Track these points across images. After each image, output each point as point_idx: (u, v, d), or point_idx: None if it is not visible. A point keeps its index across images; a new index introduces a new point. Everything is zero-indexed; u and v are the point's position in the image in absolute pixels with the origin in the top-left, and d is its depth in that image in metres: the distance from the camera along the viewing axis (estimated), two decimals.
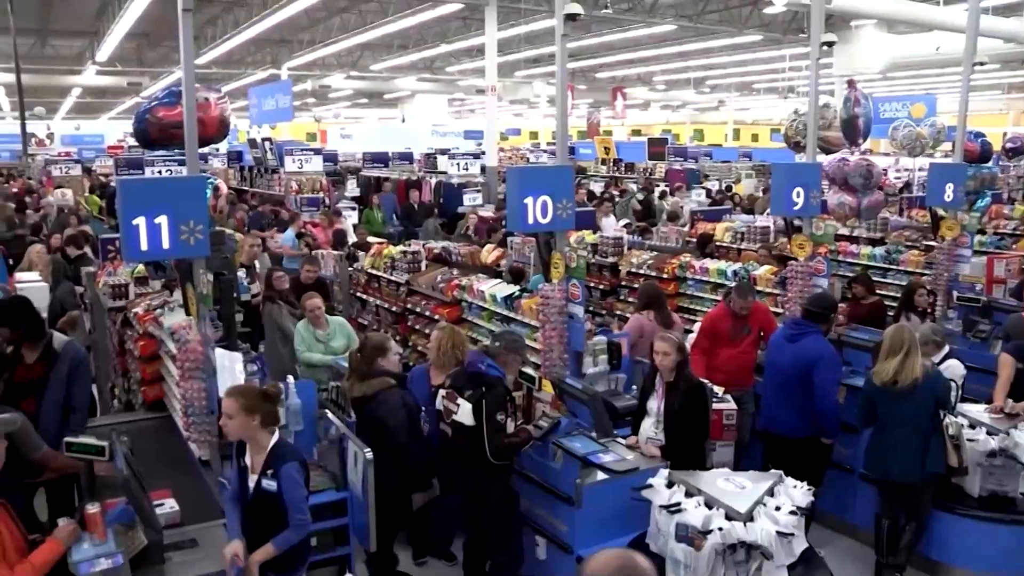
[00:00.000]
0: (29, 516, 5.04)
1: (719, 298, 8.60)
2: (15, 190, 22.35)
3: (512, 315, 7.77)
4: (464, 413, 5.34)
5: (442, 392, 5.59)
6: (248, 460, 4.50)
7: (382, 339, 6.09)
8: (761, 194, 19.42)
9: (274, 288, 8.42)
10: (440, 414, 5.59)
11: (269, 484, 4.37)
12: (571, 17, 6.75)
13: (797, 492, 4.82)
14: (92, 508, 4.29)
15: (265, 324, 8.39)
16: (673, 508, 4.69)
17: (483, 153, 21.60)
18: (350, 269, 10.66)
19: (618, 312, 10.40)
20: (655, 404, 5.83)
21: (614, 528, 5.27)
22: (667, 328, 7.11)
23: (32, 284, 10.06)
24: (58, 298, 9.33)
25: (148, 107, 7.26)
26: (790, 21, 25.81)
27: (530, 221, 6.42)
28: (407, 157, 25.77)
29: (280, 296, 8.33)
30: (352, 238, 12.83)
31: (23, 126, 29.51)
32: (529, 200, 6.36)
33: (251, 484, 4.45)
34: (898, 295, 9.25)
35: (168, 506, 4.85)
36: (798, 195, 7.76)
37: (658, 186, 21.03)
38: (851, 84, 12.25)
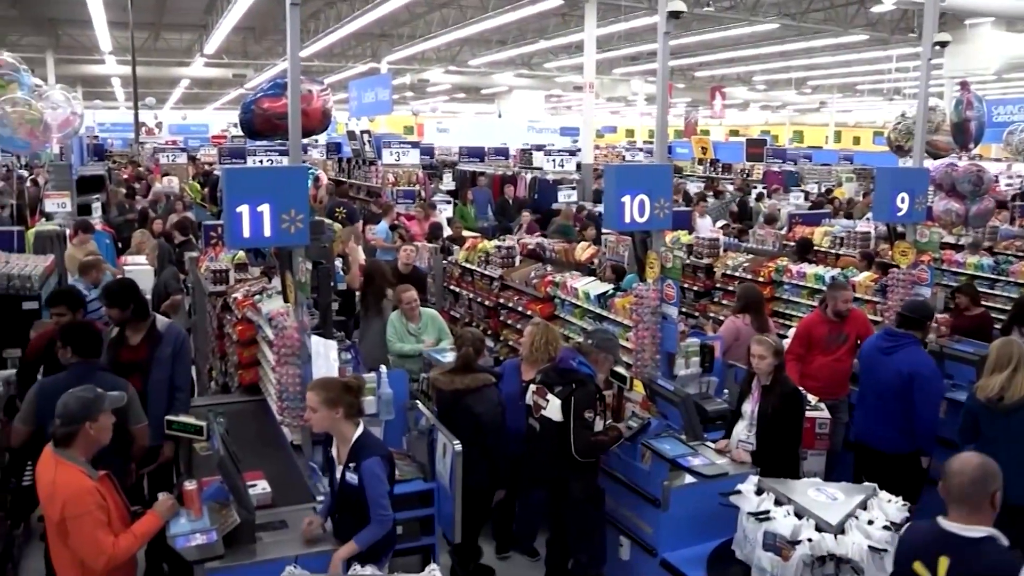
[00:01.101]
0: (134, 489, 5.22)
1: (815, 304, 8.39)
2: (125, 176, 23.17)
3: (605, 313, 7.73)
4: (553, 409, 5.33)
5: (532, 387, 5.57)
6: (335, 451, 4.55)
7: (478, 335, 6.17)
8: (861, 198, 18.91)
9: (377, 277, 8.51)
10: (529, 409, 5.58)
11: (351, 477, 4.37)
12: (674, 15, 6.67)
13: (892, 507, 4.66)
14: (190, 485, 4.44)
15: (370, 311, 8.34)
16: (761, 516, 4.59)
17: (579, 150, 21.55)
18: (444, 262, 10.75)
19: (712, 314, 10.24)
20: (749, 407, 5.73)
21: (700, 532, 5.20)
22: (763, 332, 6.98)
23: (139, 267, 10.47)
24: (162, 281, 9.64)
25: (254, 98, 7.42)
26: (898, 20, 25.03)
27: (627, 220, 6.37)
28: (503, 152, 25.89)
29: (389, 286, 8.38)
30: (447, 231, 12.94)
31: (136, 115, 30.72)
32: (626, 198, 6.31)
33: (338, 475, 4.49)
34: (1006, 308, 8.89)
35: (260, 487, 4.94)
36: (903, 200, 7.53)
37: (755, 188, 20.67)
38: (964, 86, 11.82)
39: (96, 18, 23.86)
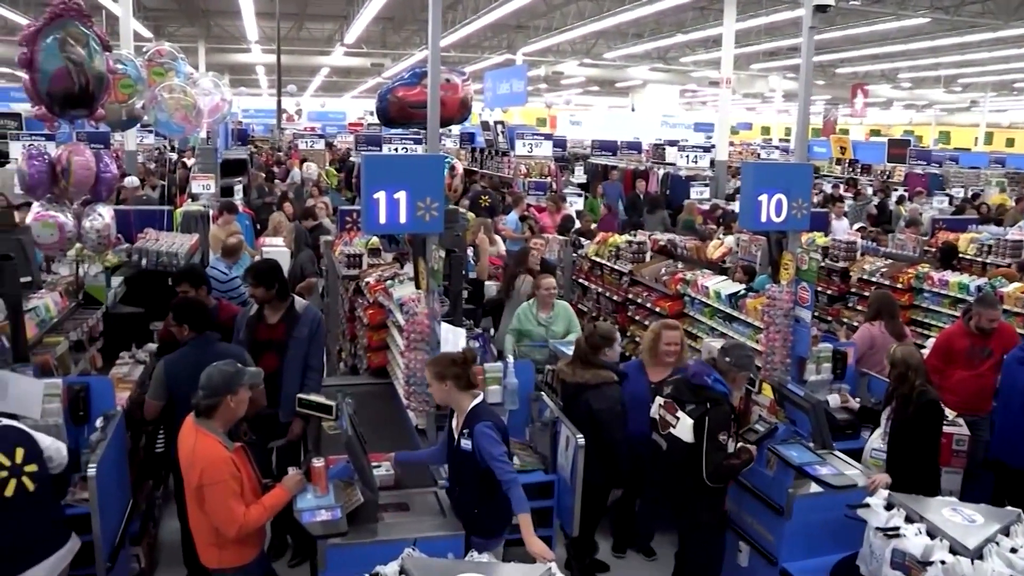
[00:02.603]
0: (263, 463, 5.41)
1: (957, 314, 7.98)
2: (265, 160, 24.01)
3: (736, 314, 7.58)
4: (683, 428, 5.05)
5: (660, 400, 5.33)
6: (454, 423, 4.74)
7: (610, 330, 6.06)
8: (1014, 204, 17.92)
9: (525, 264, 8.60)
10: (655, 423, 5.34)
11: (465, 444, 4.57)
12: (821, 8, 6.47)
13: None
14: (317, 462, 4.58)
15: (515, 299, 8.38)
16: (891, 532, 4.39)
17: (713, 146, 21.18)
18: (574, 255, 10.74)
19: (845, 320, 9.92)
20: (886, 416, 5.54)
21: (824, 544, 5.08)
22: (899, 340, 6.72)
23: (276, 249, 10.83)
24: (299, 263, 9.96)
25: (390, 87, 7.56)
26: None
27: (763, 219, 6.22)
28: (635, 147, 25.67)
29: (530, 273, 8.45)
30: (577, 224, 12.93)
31: (279, 102, 31.81)
32: (764, 197, 6.16)
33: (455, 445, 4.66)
34: None
35: (384, 468, 5.05)
36: None
37: (896, 190, 19.88)
38: None
39: (245, 9, 24.83)
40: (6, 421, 4.37)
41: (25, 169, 6.09)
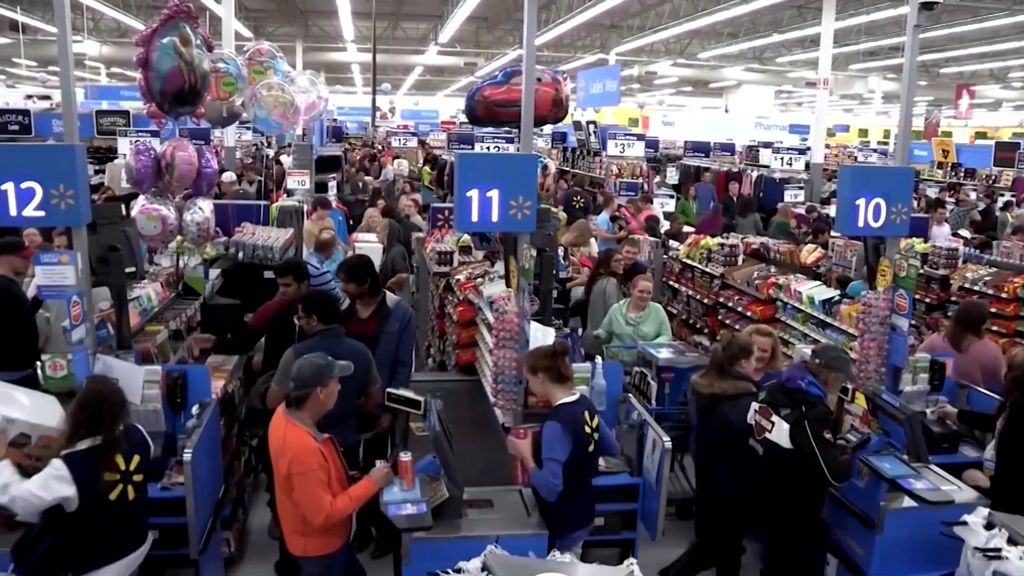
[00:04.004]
0: (350, 455, 5.49)
1: None
2: (359, 157, 24.40)
3: (829, 320, 7.41)
4: (780, 434, 4.89)
5: (756, 406, 5.19)
6: None
7: (749, 341, 5.83)
8: None
9: (608, 267, 8.57)
10: (751, 428, 5.20)
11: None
12: (927, 5, 6.24)
13: None
14: (404, 456, 4.62)
15: (594, 300, 8.39)
16: (991, 553, 4.19)
17: (808, 149, 20.72)
18: (664, 257, 10.64)
19: (944, 329, 9.60)
20: (1000, 425, 5.34)
21: (917, 561, 4.93)
22: (959, 351, 6.50)
23: (369, 244, 10.98)
24: (390, 259, 10.09)
25: (479, 86, 7.61)
26: None
27: (860, 224, 6.06)
28: (728, 148, 25.30)
29: (613, 276, 8.42)
30: (666, 225, 12.81)
31: (373, 100, 32.33)
32: (861, 201, 6.00)
33: None
34: None
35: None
36: None
37: (1002, 195, 19.14)
38: None
39: (342, 9, 25.28)
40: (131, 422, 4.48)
41: (132, 164, 6.31)
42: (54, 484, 3.98)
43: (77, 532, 4.13)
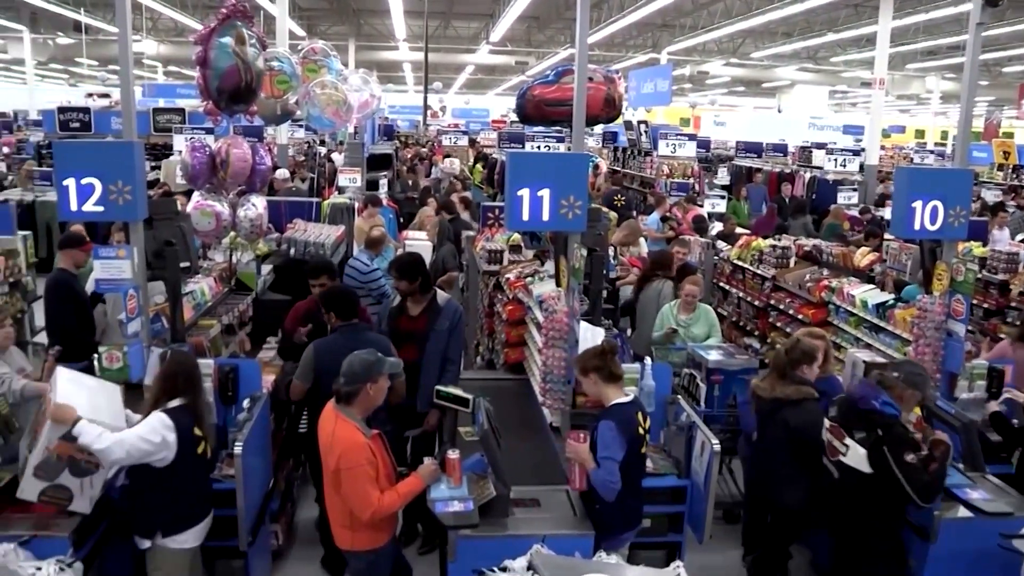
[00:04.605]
0: (399, 452, 5.52)
1: None
2: (409, 155, 24.55)
3: (883, 324, 7.29)
4: (856, 458, 4.75)
5: (827, 423, 5.07)
6: None
7: (813, 347, 5.64)
8: None
9: (663, 267, 8.50)
10: (823, 446, 5.07)
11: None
12: (991, 3, 6.11)
13: None
14: (452, 454, 4.63)
15: (645, 301, 8.29)
16: None
17: (862, 150, 20.41)
18: (715, 258, 10.55)
19: (1002, 335, 9.39)
20: None
21: (972, 573, 4.81)
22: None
23: (419, 242, 11.04)
24: (440, 257, 10.12)
25: (529, 85, 7.60)
26: None
27: (916, 227, 5.96)
28: (781, 149, 25.00)
29: (669, 278, 8.34)
30: (717, 227, 12.70)
31: (425, 99, 32.51)
32: (918, 204, 5.90)
33: None
34: None
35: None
36: None
37: None
38: None
39: (394, 8, 25.43)
40: None
41: (188, 160, 6.41)
42: (161, 430, 4.31)
43: (170, 485, 4.40)
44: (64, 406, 4.24)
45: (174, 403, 4.48)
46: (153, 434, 4.29)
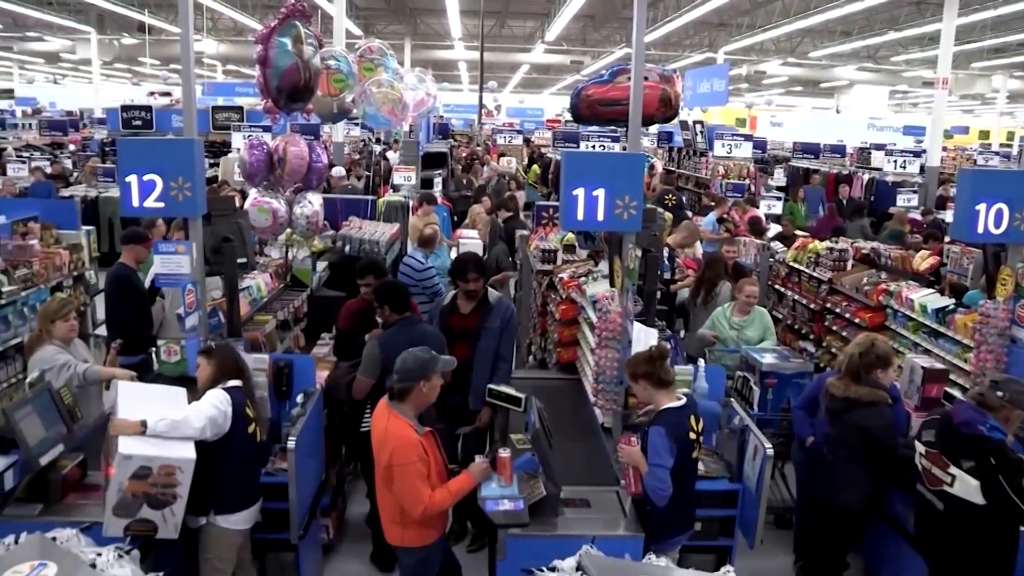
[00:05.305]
0: (449, 450, 5.53)
1: None
2: (464, 154, 24.65)
3: (942, 330, 7.14)
4: (967, 489, 4.51)
5: (922, 448, 4.91)
6: None
7: (889, 352, 5.53)
8: None
9: (727, 272, 8.43)
10: (920, 473, 4.91)
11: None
12: None
13: None
14: (504, 453, 4.63)
15: (706, 305, 8.21)
16: None
17: (923, 151, 20.00)
18: (771, 260, 10.42)
19: None
20: None
21: None
22: None
23: (471, 241, 11.08)
24: (494, 256, 10.13)
25: (583, 85, 7.58)
26: None
27: (979, 230, 5.83)
28: (839, 150, 24.60)
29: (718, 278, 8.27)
30: (775, 228, 12.55)
31: (480, 98, 32.59)
32: (982, 207, 5.77)
33: None
34: None
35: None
36: None
37: None
38: None
39: (450, 7, 25.54)
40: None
41: (246, 158, 6.50)
42: (224, 400, 4.55)
43: (223, 463, 4.55)
44: (125, 420, 4.34)
45: (227, 384, 4.68)
46: (218, 402, 4.51)
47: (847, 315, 8.60)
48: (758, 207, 13.87)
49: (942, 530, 4.77)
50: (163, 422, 4.33)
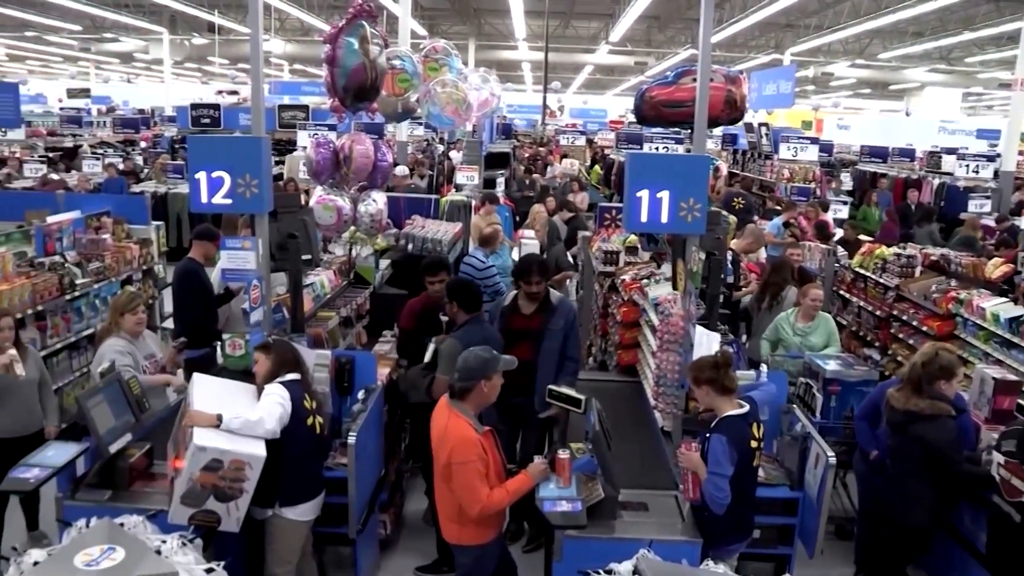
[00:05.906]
0: (508, 449, 5.54)
1: None
2: (527, 155, 24.67)
3: (1016, 340, 6.95)
4: None
5: (1001, 458, 4.82)
6: None
7: (953, 362, 5.40)
8: None
9: (793, 277, 8.28)
10: (996, 484, 4.84)
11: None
12: None
13: None
14: (563, 454, 4.63)
15: (772, 309, 8.07)
16: None
17: (998, 155, 19.47)
18: (836, 265, 10.25)
19: None
20: None
21: None
22: None
23: (530, 241, 11.11)
24: (553, 256, 10.14)
25: (646, 86, 7.53)
26: None
27: None
28: (908, 154, 24.06)
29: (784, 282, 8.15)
30: (839, 233, 12.34)
31: (544, 99, 32.61)
32: None
33: None
34: None
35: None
36: None
37: None
38: None
39: (514, 7, 25.57)
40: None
41: (312, 156, 6.58)
42: (285, 396, 4.61)
43: (286, 456, 4.61)
44: (200, 412, 4.43)
45: (286, 377, 4.76)
46: (280, 398, 4.59)
47: (914, 323, 8.43)
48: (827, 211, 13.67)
49: (1020, 542, 4.67)
50: (238, 420, 4.40)
